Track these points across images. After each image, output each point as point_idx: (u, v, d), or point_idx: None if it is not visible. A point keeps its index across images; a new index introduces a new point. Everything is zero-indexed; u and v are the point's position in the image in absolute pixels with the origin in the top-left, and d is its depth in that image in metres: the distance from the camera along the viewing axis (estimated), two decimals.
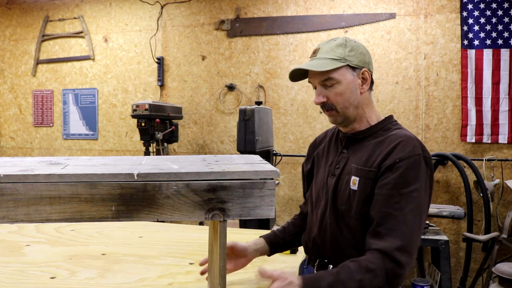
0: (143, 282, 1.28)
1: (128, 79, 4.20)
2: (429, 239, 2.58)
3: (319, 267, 1.20)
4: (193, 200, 0.93)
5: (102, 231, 1.91)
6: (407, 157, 1.06)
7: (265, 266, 1.43)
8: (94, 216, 0.90)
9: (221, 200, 0.94)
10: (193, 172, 0.93)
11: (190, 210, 0.93)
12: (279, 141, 3.74)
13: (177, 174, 0.92)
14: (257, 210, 0.97)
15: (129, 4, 4.16)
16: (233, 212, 0.95)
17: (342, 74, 1.16)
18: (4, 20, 4.59)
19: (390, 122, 1.22)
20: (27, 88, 4.55)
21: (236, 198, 0.95)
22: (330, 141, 1.32)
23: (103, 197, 0.90)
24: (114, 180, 0.90)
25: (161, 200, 0.92)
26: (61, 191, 0.88)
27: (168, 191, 0.91)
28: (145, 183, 0.90)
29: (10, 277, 1.33)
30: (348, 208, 1.13)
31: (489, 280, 2.78)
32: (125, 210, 0.91)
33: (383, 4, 3.49)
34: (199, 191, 0.93)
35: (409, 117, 3.45)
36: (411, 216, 1.02)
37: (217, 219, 0.95)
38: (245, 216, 0.97)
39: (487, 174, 3.25)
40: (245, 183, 0.95)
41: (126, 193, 0.90)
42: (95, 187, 0.89)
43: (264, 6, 3.77)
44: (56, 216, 0.89)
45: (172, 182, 0.91)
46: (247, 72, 3.84)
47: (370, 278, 0.99)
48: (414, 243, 1.03)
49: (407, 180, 1.05)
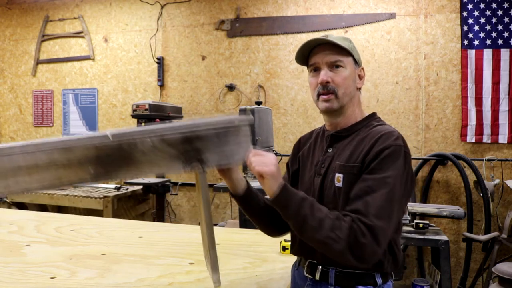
0: (143, 282, 1.28)
1: (128, 79, 4.20)
2: (429, 239, 2.58)
3: (309, 268, 1.20)
4: (169, 153, 0.92)
5: (102, 231, 1.91)
6: (387, 147, 1.07)
7: (265, 266, 1.43)
8: (73, 180, 0.91)
9: (197, 150, 0.94)
10: (167, 126, 0.92)
11: (168, 164, 0.93)
12: (279, 141, 3.74)
13: (151, 130, 0.92)
14: (236, 156, 0.99)
15: (129, 4, 4.16)
16: (211, 161, 0.95)
17: (349, 63, 1.18)
18: (4, 20, 4.59)
19: (374, 118, 1.23)
20: (27, 88, 4.55)
21: (213, 147, 0.95)
22: (316, 140, 1.32)
23: (80, 160, 0.89)
24: (89, 143, 0.89)
25: (138, 157, 0.91)
26: (38, 160, 0.88)
27: (144, 147, 0.91)
28: (120, 141, 0.90)
29: (10, 277, 1.33)
30: (335, 206, 1.13)
31: (489, 280, 2.78)
32: (104, 171, 0.91)
33: (383, 4, 3.49)
34: (175, 144, 0.92)
35: (409, 117, 3.45)
36: (381, 200, 1.02)
37: (196, 169, 0.95)
38: (224, 162, 0.98)
39: (487, 174, 3.25)
40: (219, 131, 0.95)
41: (103, 154, 0.90)
42: (71, 151, 0.89)
43: (264, 6, 3.77)
44: (36, 185, 0.90)
45: (146, 138, 0.91)
46: (247, 72, 3.84)
47: (337, 224, 1.00)
48: (382, 228, 1.00)
49: (383, 167, 1.05)
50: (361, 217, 1.00)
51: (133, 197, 3.61)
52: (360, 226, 0.99)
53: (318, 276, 1.17)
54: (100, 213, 3.23)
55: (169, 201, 4.03)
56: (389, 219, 1.03)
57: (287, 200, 1.04)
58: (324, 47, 1.18)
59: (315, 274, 1.17)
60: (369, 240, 0.98)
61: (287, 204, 1.04)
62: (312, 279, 1.18)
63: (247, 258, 1.52)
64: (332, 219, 1.01)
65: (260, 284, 1.27)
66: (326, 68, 1.18)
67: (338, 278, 1.13)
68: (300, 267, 1.26)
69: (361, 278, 1.12)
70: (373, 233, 0.99)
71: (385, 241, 1.03)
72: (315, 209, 1.03)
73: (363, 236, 0.98)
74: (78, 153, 0.89)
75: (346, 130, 1.21)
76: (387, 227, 1.02)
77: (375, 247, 0.99)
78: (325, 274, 1.15)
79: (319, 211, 1.02)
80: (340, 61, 1.17)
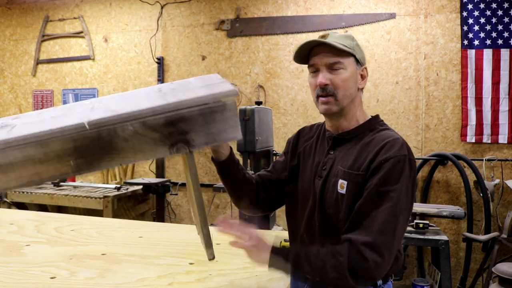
0: (143, 282, 1.28)
1: (128, 79, 4.20)
2: (429, 239, 2.58)
3: None
4: (153, 137, 0.87)
5: (102, 231, 1.91)
6: (392, 157, 1.05)
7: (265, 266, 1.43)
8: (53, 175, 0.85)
9: (182, 131, 0.88)
10: (147, 108, 0.86)
11: (153, 149, 0.88)
12: (279, 141, 3.74)
13: (130, 114, 0.85)
14: (223, 135, 0.92)
15: (129, 4, 4.16)
16: (198, 141, 0.90)
17: (349, 63, 1.15)
18: (4, 20, 4.59)
19: (377, 122, 1.21)
20: (27, 88, 4.55)
21: (198, 127, 0.89)
22: (317, 140, 1.30)
23: (58, 153, 0.84)
24: (65, 134, 0.83)
25: (120, 144, 0.85)
26: (12, 157, 0.82)
27: (124, 133, 0.85)
28: (99, 130, 0.84)
29: (10, 277, 1.33)
30: (336, 211, 1.12)
31: (489, 280, 2.78)
32: (85, 162, 0.85)
33: (383, 4, 3.49)
34: (157, 127, 0.86)
35: (409, 117, 3.45)
36: (384, 215, 1.01)
37: (182, 152, 0.89)
38: (212, 142, 0.92)
39: (487, 174, 3.25)
40: (204, 110, 0.88)
41: (81, 145, 0.84)
42: (47, 145, 0.83)
43: (264, 6, 3.77)
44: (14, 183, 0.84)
45: (127, 123, 0.84)
46: (247, 72, 3.84)
47: (334, 263, 0.99)
48: (386, 243, 1.00)
49: (388, 180, 1.04)
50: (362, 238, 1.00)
51: (133, 197, 3.61)
52: (360, 249, 0.99)
53: None
54: (100, 213, 3.23)
55: (169, 201, 4.03)
56: (393, 233, 1.02)
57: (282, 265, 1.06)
58: (323, 48, 1.16)
59: None
60: (372, 261, 0.98)
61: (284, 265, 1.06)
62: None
63: (247, 258, 1.52)
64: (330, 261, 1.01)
65: (260, 284, 1.27)
66: (325, 69, 1.15)
67: None
68: None
69: None
70: (375, 250, 0.99)
71: (390, 253, 1.02)
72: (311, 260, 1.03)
73: (364, 259, 0.98)
74: (54, 147, 0.83)
75: (349, 133, 1.19)
76: (391, 240, 1.02)
77: (378, 264, 0.99)
78: None
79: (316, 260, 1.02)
80: (340, 63, 1.14)
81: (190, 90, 0.95)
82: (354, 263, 0.98)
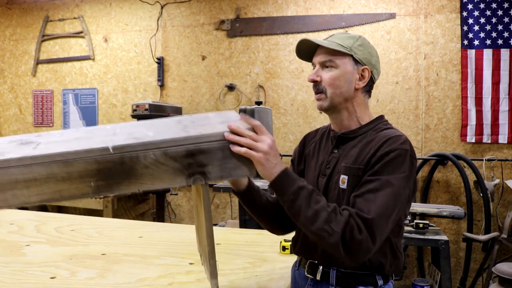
0: (143, 282, 1.28)
1: (128, 79, 4.20)
2: (429, 239, 2.58)
3: (310, 268, 1.20)
4: (172, 167, 0.91)
5: (102, 231, 1.91)
6: (393, 150, 1.06)
7: (265, 266, 1.43)
8: (74, 194, 0.88)
9: (201, 163, 0.92)
10: (170, 139, 0.90)
11: (171, 177, 0.91)
12: (279, 141, 3.74)
13: (153, 142, 0.89)
14: (238, 170, 0.96)
15: (129, 4, 4.16)
16: (214, 174, 0.94)
17: (343, 63, 1.16)
18: (4, 20, 4.59)
19: (381, 122, 1.22)
20: (27, 88, 4.55)
21: (216, 161, 0.93)
22: (321, 139, 1.31)
23: (80, 174, 0.87)
24: (90, 156, 0.86)
25: (140, 170, 0.89)
26: (36, 173, 0.85)
27: (146, 160, 0.89)
28: (122, 155, 0.87)
29: (10, 277, 1.33)
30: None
31: (489, 280, 2.78)
32: (105, 184, 0.89)
33: (383, 4, 3.49)
34: (177, 157, 0.90)
35: (409, 117, 3.45)
36: (383, 198, 1.01)
37: (198, 183, 0.93)
38: (226, 177, 0.96)
39: (487, 174, 3.25)
40: (223, 144, 0.93)
41: (104, 168, 0.87)
42: (71, 165, 0.86)
43: (264, 6, 3.77)
44: (35, 198, 0.87)
45: (149, 151, 0.89)
46: (247, 72, 3.84)
47: (331, 217, 0.98)
48: (381, 226, 1.00)
49: (389, 169, 1.04)
50: (360, 212, 0.99)
51: (133, 197, 3.61)
52: (358, 221, 0.98)
53: (319, 276, 1.16)
54: (100, 213, 3.23)
55: (169, 201, 4.03)
56: (388, 218, 1.02)
57: (283, 187, 1.03)
58: (322, 47, 1.18)
59: (316, 274, 1.17)
60: (365, 237, 0.97)
61: (283, 192, 1.03)
62: (313, 279, 1.18)
63: (247, 258, 1.52)
64: (328, 211, 1.00)
65: (260, 284, 1.27)
66: (319, 67, 1.18)
67: (339, 279, 1.13)
68: (301, 267, 1.25)
69: (362, 279, 1.11)
70: (370, 229, 0.98)
71: (381, 239, 1.02)
72: (312, 200, 1.02)
73: (359, 232, 0.97)
74: (78, 167, 0.86)
75: (353, 132, 1.20)
76: (386, 225, 1.02)
77: (369, 244, 0.98)
78: (326, 274, 1.15)
79: (315, 202, 1.01)
80: (331, 61, 1.16)
81: (210, 124, 1.00)
82: (349, 230, 0.97)
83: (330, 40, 1.18)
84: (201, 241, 1.11)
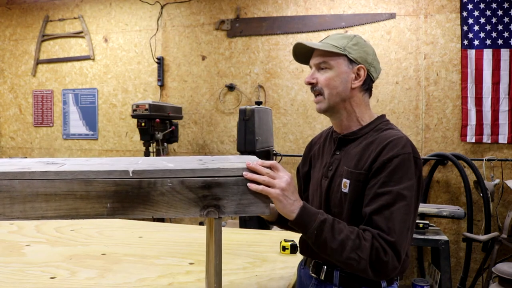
0: (143, 282, 1.28)
1: (128, 79, 4.20)
2: (429, 239, 2.58)
3: (314, 268, 1.20)
4: (188, 197, 0.92)
5: (102, 231, 1.91)
6: (396, 156, 1.05)
7: (265, 266, 1.43)
8: (89, 213, 0.90)
9: (216, 197, 0.93)
10: (188, 169, 0.92)
11: (185, 207, 0.93)
12: (279, 141, 3.74)
13: (172, 171, 0.92)
14: (252, 207, 0.97)
15: (129, 4, 4.16)
16: (228, 209, 0.94)
17: (338, 63, 1.17)
18: (4, 20, 4.59)
19: (382, 122, 1.21)
20: (27, 88, 4.55)
21: (231, 195, 0.94)
22: (325, 141, 1.32)
23: (99, 194, 0.89)
24: (110, 177, 0.90)
25: (156, 197, 0.91)
26: (57, 188, 0.88)
27: (163, 188, 0.91)
28: (140, 180, 0.90)
29: (10, 277, 1.33)
30: (340, 211, 1.13)
31: (489, 280, 2.78)
32: (120, 207, 0.91)
33: (383, 4, 3.49)
34: (194, 188, 0.92)
35: (409, 117, 3.45)
36: (399, 214, 1.01)
37: (212, 216, 0.94)
38: (240, 213, 0.96)
39: (487, 174, 3.25)
40: (240, 179, 0.94)
41: (121, 190, 0.90)
42: (91, 184, 0.89)
43: (264, 6, 3.77)
44: (52, 213, 0.89)
45: (167, 179, 0.91)
46: (247, 72, 3.84)
47: (357, 244, 0.99)
48: (403, 243, 1.01)
49: (397, 178, 1.04)
50: (382, 233, 1.00)
51: None
52: (382, 243, 0.99)
53: (323, 276, 1.17)
54: None
55: None
56: (408, 231, 1.04)
57: (305, 224, 1.02)
58: (317, 49, 1.19)
59: (320, 274, 1.18)
60: (391, 257, 0.99)
61: (306, 228, 1.03)
62: (317, 278, 1.19)
63: (247, 258, 1.52)
64: (352, 239, 1.00)
65: (260, 284, 1.27)
66: (315, 69, 1.20)
67: (342, 279, 1.14)
68: (306, 266, 1.26)
69: (365, 280, 1.11)
70: (395, 249, 0.99)
71: (404, 253, 1.03)
72: (335, 231, 1.01)
73: (385, 254, 0.98)
74: (97, 187, 0.89)
75: (354, 133, 1.20)
76: (406, 239, 1.03)
77: (395, 263, 0.99)
78: (329, 274, 1.16)
79: (339, 233, 1.01)
80: (325, 63, 1.17)
81: (229, 162, 1.04)
82: (375, 253, 0.98)
83: (324, 42, 1.19)
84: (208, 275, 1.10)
